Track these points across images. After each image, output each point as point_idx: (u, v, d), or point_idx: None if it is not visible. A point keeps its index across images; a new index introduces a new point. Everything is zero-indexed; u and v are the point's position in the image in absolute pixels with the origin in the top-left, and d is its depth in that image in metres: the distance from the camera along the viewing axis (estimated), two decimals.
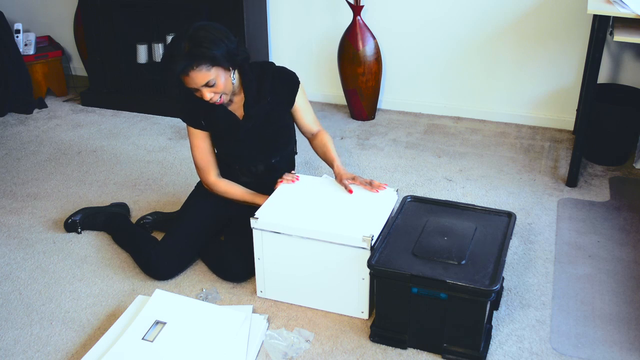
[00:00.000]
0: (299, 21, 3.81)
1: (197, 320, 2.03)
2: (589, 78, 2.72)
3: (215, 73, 2.12)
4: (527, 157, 3.20)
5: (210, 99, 2.16)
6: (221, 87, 2.16)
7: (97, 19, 3.77)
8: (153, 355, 1.91)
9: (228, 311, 2.06)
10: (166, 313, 2.05)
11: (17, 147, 3.44)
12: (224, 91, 2.18)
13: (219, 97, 2.18)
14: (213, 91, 2.15)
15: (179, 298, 2.13)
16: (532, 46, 3.41)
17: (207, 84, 2.12)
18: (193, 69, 2.08)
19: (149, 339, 1.95)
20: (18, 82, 3.86)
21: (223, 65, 2.13)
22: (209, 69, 2.10)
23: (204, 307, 2.09)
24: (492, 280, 1.83)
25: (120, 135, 3.57)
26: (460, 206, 2.21)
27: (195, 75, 2.09)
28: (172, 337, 1.97)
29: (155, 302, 2.09)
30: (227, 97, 2.23)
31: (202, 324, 2.01)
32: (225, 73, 2.16)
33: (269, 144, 2.35)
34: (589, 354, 1.95)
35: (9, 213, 2.80)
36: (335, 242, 2.02)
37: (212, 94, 2.15)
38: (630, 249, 2.44)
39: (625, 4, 2.57)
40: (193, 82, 2.12)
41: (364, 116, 3.67)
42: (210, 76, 2.11)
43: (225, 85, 2.17)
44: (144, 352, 1.92)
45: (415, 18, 3.57)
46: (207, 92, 2.14)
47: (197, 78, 2.10)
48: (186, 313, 2.06)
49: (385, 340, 1.99)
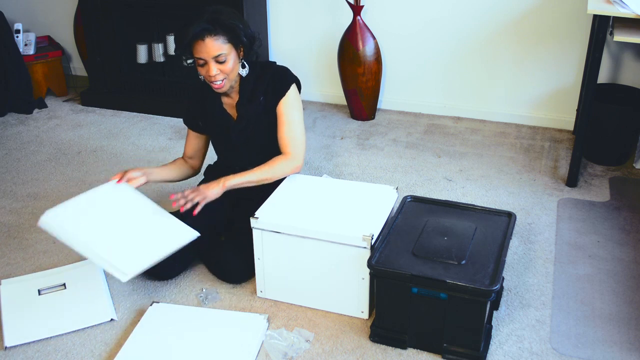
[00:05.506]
0: (299, 21, 3.81)
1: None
2: (589, 78, 2.72)
3: (229, 50, 2.10)
4: (527, 157, 3.20)
5: (214, 76, 2.12)
6: (229, 68, 2.12)
7: (97, 19, 3.78)
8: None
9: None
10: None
11: (17, 147, 3.44)
12: (228, 75, 2.15)
13: (222, 79, 2.14)
14: (220, 69, 2.11)
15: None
16: (532, 46, 3.41)
17: (218, 58, 2.09)
18: (210, 35, 2.06)
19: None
20: (18, 82, 3.86)
21: (237, 47, 2.12)
22: (225, 41, 2.08)
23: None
24: (492, 280, 1.83)
25: (120, 135, 3.57)
26: (460, 206, 2.21)
27: (210, 43, 2.06)
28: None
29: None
30: (228, 85, 2.19)
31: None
32: (236, 57, 2.14)
33: (264, 146, 2.33)
34: (589, 354, 1.95)
35: (9, 213, 2.80)
36: (335, 242, 2.02)
37: (218, 71, 2.12)
38: (630, 249, 2.45)
39: (625, 4, 2.57)
40: (205, 50, 2.07)
41: (364, 116, 3.67)
42: (223, 49, 2.08)
43: (232, 69, 2.14)
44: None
45: (415, 18, 3.57)
46: (214, 67, 2.10)
47: (211, 46, 2.06)
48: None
49: (385, 340, 1.99)
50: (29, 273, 2.37)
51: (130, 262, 1.98)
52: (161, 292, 2.25)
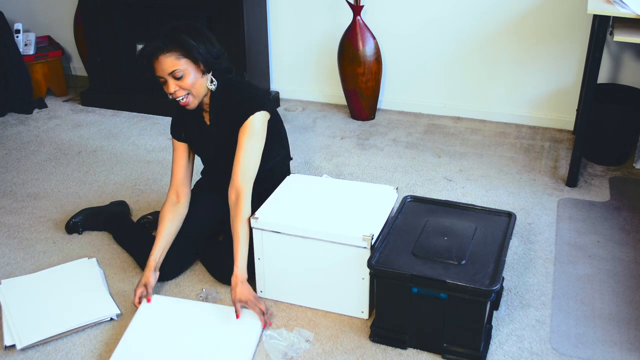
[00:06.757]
0: (299, 21, 3.81)
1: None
2: (589, 78, 2.72)
3: (185, 66, 2.07)
4: (527, 157, 3.20)
5: (173, 93, 2.09)
6: (188, 84, 2.09)
7: (97, 19, 3.78)
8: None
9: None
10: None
11: (17, 147, 3.44)
12: (190, 90, 2.11)
13: (184, 95, 2.11)
14: (179, 85, 2.08)
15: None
16: (532, 46, 3.41)
17: (174, 75, 2.07)
18: (163, 53, 2.04)
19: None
20: (18, 82, 3.86)
21: (195, 61, 2.08)
22: (179, 57, 2.05)
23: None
24: (492, 280, 1.83)
25: (120, 135, 3.57)
26: (460, 206, 2.21)
27: (164, 60, 2.04)
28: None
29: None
30: (194, 101, 2.14)
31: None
32: (197, 72, 2.10)
33: None
34: (589, 354, 1.95)
35: (9, 213, 2.80)
36: (335, 242, 2.02)
37: (176, 88, 2.08)
38: (630, 249, 2.44)
39: (625, 4, 2.57)
40: (161, 68, 2.05)
41: (364, 116, 3.67)
42: (178, 65, 2.05)
43: (194, 85, 2.10)
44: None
45: (415, 18, 3.57)
46: (172, 84, 2.07)
47: (165, 64, 2.04)
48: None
49: (385, 340, 1.99)
50: (29, 273, 2.37)
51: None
52: (161, 292, 2.25)
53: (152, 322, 2.05)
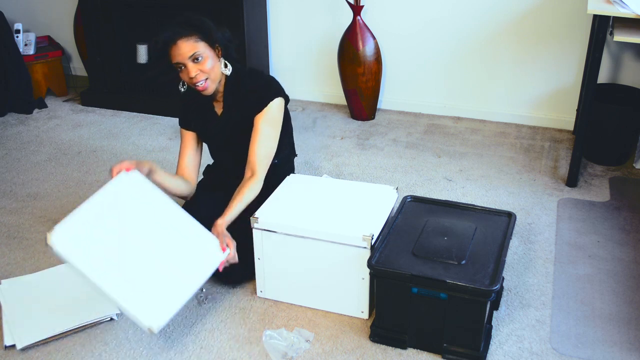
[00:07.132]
0: (299, 21, 3.81)
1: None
2: (589, 78, 2.72)
3: (204, 49, 2.09)
4: (527, 157, 3.20)
5: (194, 77, 2.10)
6: (208, 68, 2.10)
7: (97, 19, 3.78)
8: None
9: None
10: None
11: (17, 147, 3.44)
12: (210, 74, 2.12)
13: (203, 79, 2.12)
14: (199, 68, 2.09)
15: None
16: (532, 46, 3.41)
17: (194, 58, 2.08)
18: (181, 37, 2.05)
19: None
20: (18, 82, 3.86)
21: (212, 45, 2.11)
22: (197, 40, 2.07)
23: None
24: (492, 280, 1.83)
25: (120, 135, 3.57)
26: (460, 206, 2.21)
27: (182, 45, 2.05)
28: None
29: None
30: (212, 85, 2.16)
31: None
32: (214, 56, 2.13)
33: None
34: (589, 354, 1.95)
35: (9, 213, 2.80)
36: (335, 242, 2.02)
37: (197, 71, 2.09)
38: (630, 249, 2.45)
39: (625, 4, 2.57)
40: (179, 52, 2.06)
41: (364, 116, 3.67)
42: (198, 48, 2.07)
43: (212, 69, 2.12)
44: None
45: (415, 18, 3.57)
46: (192, 68, 2.08)
47: (184, 47, 2.05)
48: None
49: (385, 340, 1.99)
50: (29, 273, 2.37)
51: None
52: None
53: (120, 199, 1.95)
